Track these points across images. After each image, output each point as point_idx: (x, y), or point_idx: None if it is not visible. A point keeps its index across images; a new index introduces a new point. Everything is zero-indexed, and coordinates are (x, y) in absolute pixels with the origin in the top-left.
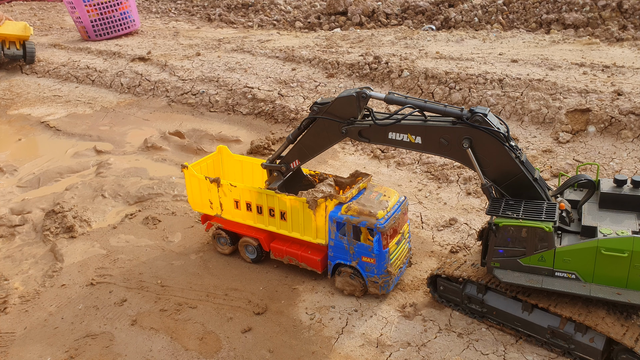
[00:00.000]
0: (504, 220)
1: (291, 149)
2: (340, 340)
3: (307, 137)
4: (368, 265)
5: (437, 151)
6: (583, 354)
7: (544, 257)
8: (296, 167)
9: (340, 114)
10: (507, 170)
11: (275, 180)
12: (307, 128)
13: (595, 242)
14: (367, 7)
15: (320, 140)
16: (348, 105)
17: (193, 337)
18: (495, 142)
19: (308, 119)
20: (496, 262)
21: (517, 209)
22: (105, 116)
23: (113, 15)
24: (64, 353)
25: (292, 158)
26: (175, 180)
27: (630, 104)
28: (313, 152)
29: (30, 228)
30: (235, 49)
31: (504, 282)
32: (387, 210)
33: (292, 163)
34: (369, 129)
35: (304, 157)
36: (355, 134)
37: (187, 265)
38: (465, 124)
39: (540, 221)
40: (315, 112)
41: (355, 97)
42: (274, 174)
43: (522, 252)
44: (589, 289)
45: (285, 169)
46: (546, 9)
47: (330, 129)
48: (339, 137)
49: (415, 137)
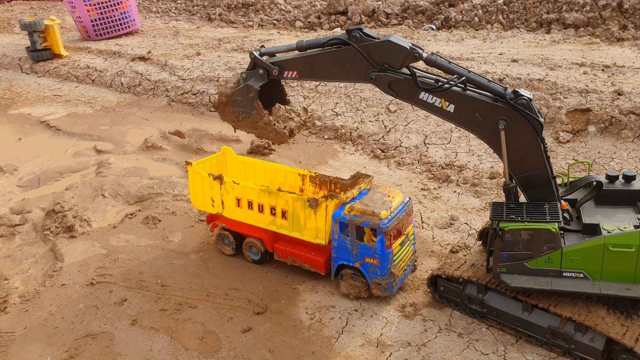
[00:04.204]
0: (509, 224)
1: (296, 56)
2: (340, 340)
3: (326, 56)
4: (371, 266)
5: (467, 125)
6: (583, 354)
7: (551, 259)
8: (289, 78)
9: (377, 58)
10: (530, 162)
11: (255, 78)
12: (331, 48)
13: (602, 239)
14: (367, 6)
15: (337, 69)
16: (395, 55)
17: (193, 336)
18: (531, 131)
19: (339, 40)
20: (502, 267)
21: (520, 211)
22: (105, 116)
23: (113, 15)
24: (64, 353)
25: (291, 66)
26: (175, 180)
27: (631, 104)
28: (322, 75)
29: (31, 228)
30: (235, 49)
31: (514, 287)
32: (391, 210)
33: (288, 72)
34: (401, 82)
35: (307, 74)
36: (384, 84)
37: (187, 265)
38: (508, 104)
39: (546, 222)
40: (356, 38)
41: (408, 51)
42: (260, 72)
43: (529, 255)
44: (598, 286)
45: (277, 72)
46: (546, 9)
47: (357, 65)
48: (360, 78)
49: (449, 104)
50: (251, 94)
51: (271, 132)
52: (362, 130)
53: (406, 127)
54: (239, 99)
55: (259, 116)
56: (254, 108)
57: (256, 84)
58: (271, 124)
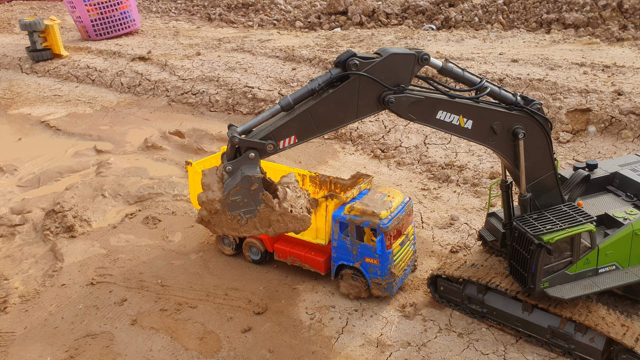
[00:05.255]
0: (553, 236)
1: (286, 120)
2: (340, 340)
3: (326, 102)
4: (371, 266)
5: (483, 139)
6: (583, 354)
7: (588, 259)
8: (287, 147)
9: (388, 77)
10: (540, 167)
11: (246, 165)
12: (327, 90)
13: (630, 227)
14: (367, 6)
15: (344, 110)
16: (403, 67)
17: (193, 336)
18: (542, 136)
19: (335, 77)
20: (545, 282)
21: (550, 220)
22: (105, 116)
23: (113, 15)
24: (64, 353)
25: (287, 132)
26: (175, 180)
27: (631, 104)
28: (327, 126)
29: (31, 228)
30: (235, 49)
31: (569, 298)
32: (391, 210)
33: (284, 140)
34: (420, 103)
35: (309, 133)
36: (404, 108)
37: (187, 265)
38: (523, 111)
39: (582, 224)
40: (355, 66)
41: (414, 57)
42: (251, 155)
43: (569, 262)
44: (632, 273)
45: (272, 147)
46: (546, 9)
47: (366, 95)
48: (372, 109)
49: (467, 120)
50: (254, 186)
51: (290, 221)
52: (362, 130)
53: (406, 127)
54: (237, 199)
55: (270, 209)
56: (260, 202)
57: (255, 172)
58: (288, 213)
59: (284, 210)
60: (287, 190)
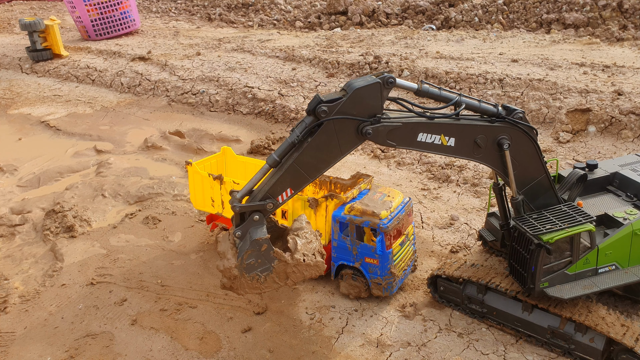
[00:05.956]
0: (553, 235)
1: (277, 176)
2: (340, 340)
3: (308, 151)
4: (371, 266)
5: (468, 154)
6: (583, 354)
7: (588, 259)
8: (287, 199)
9: (359, 111)
10: (531, 173)
11: (253, 228)
12: (306, 139)
13: (630, 227)
14: (367, 6)
15: (327, 153)
16: (371, 96)
17: (193, 336)
18: (529, 142)
19: (307, 126)
20: (545, 282)
21: (550, 220)
22: (105, 116)
23: (113, 15)
24: (64, 353)
25: (281, 186)
26: (175, 180)
27: (631, 104)
28: (317, 170)
29: (31, 228)
30: (235, 49)
31: (568, 298)
32: (391, 210)
33: (281, 195)
34: (399, 129)
35: (302, 181)
36: (383, 137)
37: (187, 265)
38: (504, 121)
39: (582, 224)
40: (325, 113)
41: (379, 85)
42: (255, 217)
43: (569, 262)
44: (631, 273)
45: (272, 205)
46: (546, 9)
47: (345, 132)
48: (355, 142)
49: (449, 138)
50: (264, 247)
51: (305, 269)
52: None
53: None
54: (252, 261)
55: (284, 263)
56: (273, 259)
57: (262, 234)
58: (302, 262)
59: (297, 261)
60: (297, 241)
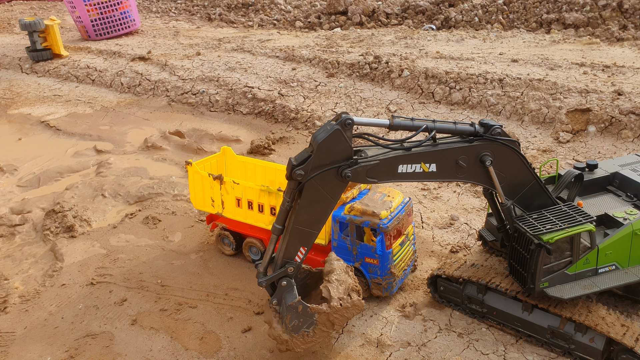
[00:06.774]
0: (553, 235)
1: (286, 241)
2: (340, 340)
3: (303, 211)
4: (371, 266)
5: (453, 176)
6: (583, 354)
7: (588, 259)
8: (304, 257)
9: (332, 159)
10: (521, 181)
11: (285, 293)
12: (297, 200)
13: (630, 227)
14: (367, 6)
15: (321, 205)
16: (336, 143)
17: (193, 336)
18: (512, 153)
19: (292, 191)
20: (545, 282)
21: (550, 220)
22: (105, 116)
23: (113, 15)
24: (64, 353)
25: (294, 248)
26: (175, 180)
27: (631, 104)
28: (318, 222)
29: (31, 228)
30: (235, 49)
31: (568, 298)
32: (391, 210)
33: (297, 256)
34: (378, 166)
35: (309, 238)
36: (363, 176)
37: (187, 265)
38: (483, 138)
39: (582, 224)
40: (301, 175)
41: (340, 130)
42: (283, 284)
43: (569, 262)
44: (631, 273)
45: (293, 268)
46: (546, 9)
47: (327, 183)
48: (342, 187)
49: (430, 164)
50: (300, 308)
51: (346, 312)
52: (362, 129)
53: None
54: (295, 323)
55: (325, 314)
56: (313, 315)
57: (293, 298)
58: (340, 308)
59: (335, 308)
60: (329, 289)
